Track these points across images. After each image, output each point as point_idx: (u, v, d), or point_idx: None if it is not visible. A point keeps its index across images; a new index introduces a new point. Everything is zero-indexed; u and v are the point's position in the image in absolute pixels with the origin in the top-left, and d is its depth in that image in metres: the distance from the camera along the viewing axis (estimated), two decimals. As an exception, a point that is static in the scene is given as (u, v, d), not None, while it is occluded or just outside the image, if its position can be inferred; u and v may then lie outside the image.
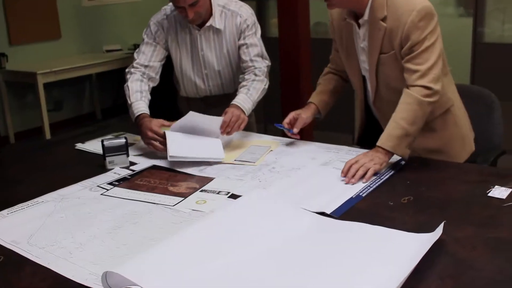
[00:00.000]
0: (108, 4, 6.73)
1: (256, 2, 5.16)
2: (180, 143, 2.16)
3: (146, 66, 2.51)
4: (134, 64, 2.52)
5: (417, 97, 1.89)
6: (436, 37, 1.92)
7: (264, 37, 2.65)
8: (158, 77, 2.56)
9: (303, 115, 2.22)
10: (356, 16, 2.03)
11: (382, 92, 2.10)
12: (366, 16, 1.98)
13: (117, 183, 1.95)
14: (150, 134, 2.19)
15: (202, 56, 2.57)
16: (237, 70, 2.63)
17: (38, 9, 5.98)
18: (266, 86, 2.53)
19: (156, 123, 2.22)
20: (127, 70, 2.54)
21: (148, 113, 2.35)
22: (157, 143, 2.18)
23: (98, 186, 1.93)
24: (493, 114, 2.52)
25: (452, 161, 2.07)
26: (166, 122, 2.26)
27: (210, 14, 2.49)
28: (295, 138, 2.26)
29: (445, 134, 2.12)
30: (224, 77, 2.63)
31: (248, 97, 2.42)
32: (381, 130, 2.01)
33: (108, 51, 6.58)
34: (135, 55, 2.56)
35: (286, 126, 2.22)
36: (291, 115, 2.23)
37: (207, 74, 2.61)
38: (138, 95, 2.41)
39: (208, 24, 2.49)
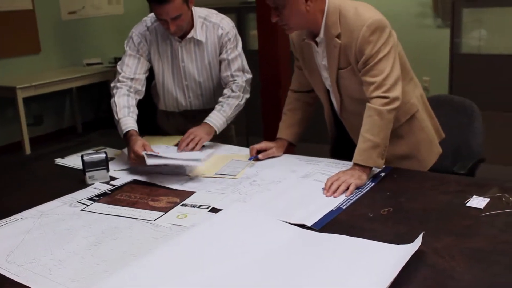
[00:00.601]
0: (88, 17, 6.71)
1: (235, 15, 5.18)
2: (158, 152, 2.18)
3: (132, 79, 2.50)
4: (120, 78, 2.50)
5: (375, 108, 1.93)
6: (390, 47, 1.96)
7: (244, 49, 2.66)
8: (143, 89, 2.55)
9: (275, 150, 2.26)
10: (314, 35, 2.07)
11: (346, 104, 2.14)
12: (321, 35, 2.03)
13: (97, 198, 1.94)
14: (132, 156, 2.19)
15: (183, 67, 2.57)
16: (217, 83, 2.63)
17: (17, 23, 5.93)
18: (242, 102, 2.56)
19: (139, 144, 2.19)
20: (112, 84, 2.51)
21: (136, 129, 2.33)
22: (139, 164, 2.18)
23: (78, 201, 1.91)
24: (474, 124, 2.56)
25: (430, 172, 2.10)
26: (148, 146, 2.21)
27: (191, 25, 2.49)
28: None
29: (412, 140, 2.16)
30: (204, 89, 2.63)
31: (221, 114, 2.48)
32: (351, 140, 2.09)
33: (88, 64, 6.55)
34: (119, 68, 2.54)
35: (254, 152, 2.24)
36: (264, 145, 2.27)
37: (187, 86, 2.61)
38: (126, 111, 2.39)
39: (189, 35, 2.49)
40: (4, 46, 5.84)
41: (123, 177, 2.15)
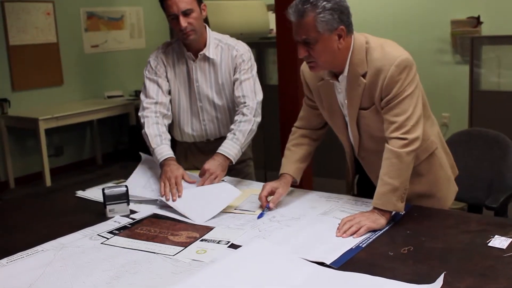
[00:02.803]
0: (110, 51, 6.85)
1: (255, 50, 5.24)
2: (195, 207, 2.13)
3: (155, 103, 2.53)
4: (144, 105, 2.53)
5: (394, 150, 1.89)
6: (415, 86, 1.93)
7: (263, 84, 2.67)
8: (170, 113, 2.58)
9: (281, 190, 2.14)
10: (335, 73, 2.03)
11: (365, 143, 2.10)
12: (345, 72, 1.99)
13: (117, 231, 1.95)
14: (169, 180, 2.23)
15: (197, 87, 2.57)
16: (232, 106, 2.61)
17: (41, 56, 6.09)
18: (254, 127, 2.53)
19: (181, 173, 2.27)
20: (139, 114, 2.55)
21: (173, 155, 2.39)
22: (169, 191, 2.21)
23: (98, 234, 1.92)
24: (508, 157, 2.57)
25: (452, 210, 2.08)
26: (186, 176, 2.31)
27: (205, 44, 2.53)
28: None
29: (431, 178, 2.12)
30: (219, 111, 2.61)
31: (234, 142, 2.46)
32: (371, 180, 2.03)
33: (109, 97, 6.66)
34: (142, 96, 2.58)
35: (263, 199, 2.10)
36: (268, 187, 2.14)
37: (201, 107, 2.60)
38: (158, 139, 2.43)
39: (202, 52, 2.52)
40: (28, 78, 5.99)
41: (143, 211, 2.16)
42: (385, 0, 5.97)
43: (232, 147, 2.44)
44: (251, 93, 2.54)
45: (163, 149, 2.40)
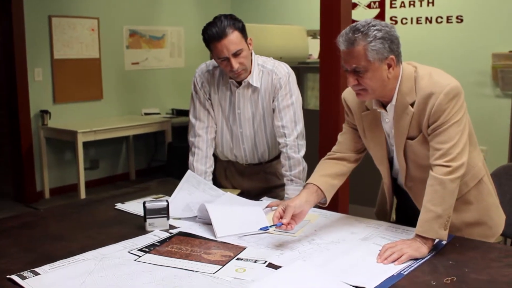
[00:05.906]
0: (149, 69, 6.96)
1: (296, 74, 5.25)
2: (224, 219, 2.12)
3: (207, 127, 2.62)
4: (196, 130, 2.62)
5: (438, 177, 1.86)
6: (462, 113, 1.91)
7: (303, 109, 2.64)
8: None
9: (291, 204, 1.99)
10: (382, 102, 2.01)
11: (412, 172, 2.06)
12: (393, 101, 1.97)
13: (147, 250, 1.91)
14: None
15: (238, 114, 2.58)
16: (271, 132, 2.61)
17: (83, 70, 6.23)
18: (304, 163, 2.54)
19: None
20: (191, 139, 2.63)
21: None
22: None
23: (128, 252, 1.90)
24: None
25: (495, 243, 2.04)
26: None
27: (249, 71, 2.51)
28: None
29: (481, 205, 2.08)
30: (258, 137, 2.62)
31: (296, 185, 2.48)
32: (416, 209, 2.00)
33: (146, 114, 6.74)
34: (192, 118, 2.64)
35: (276, 220, 1.96)
36: (279, 207, 2.01)
37: (242, 133, 2.61)
38: (203, 178, 2.56)
39: (245, 80, 2.50)
40: (70, 91, 6.12)
41: (183, 226, 2.15)
42: (426, 31, 5.96)
43: (297, 191, 2.28)
44: (290, 123, 2.52)
45: None
